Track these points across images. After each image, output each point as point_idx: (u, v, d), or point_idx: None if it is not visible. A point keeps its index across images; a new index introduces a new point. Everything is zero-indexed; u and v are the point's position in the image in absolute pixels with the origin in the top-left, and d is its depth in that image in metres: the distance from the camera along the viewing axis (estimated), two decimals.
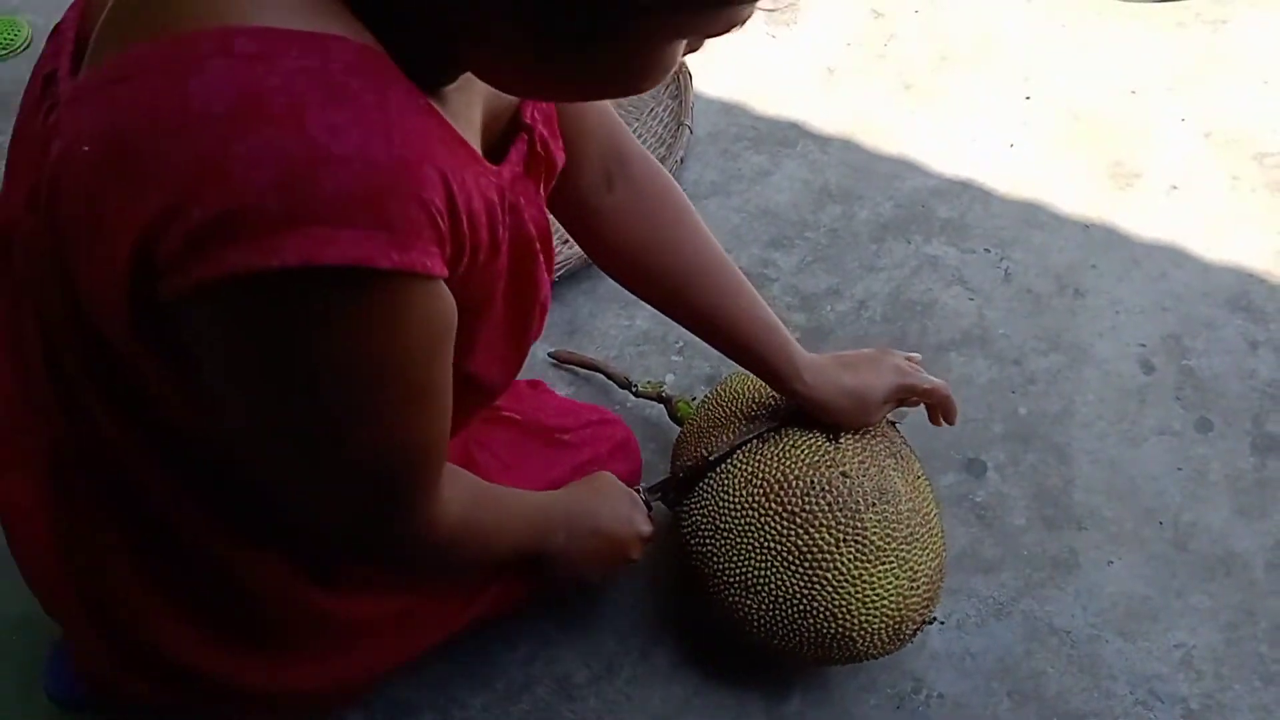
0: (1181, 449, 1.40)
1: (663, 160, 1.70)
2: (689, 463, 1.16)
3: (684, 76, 1.80)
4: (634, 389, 1.40)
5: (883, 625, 1.07)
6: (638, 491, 1.15)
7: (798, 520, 1.06)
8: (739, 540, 1.08)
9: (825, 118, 1.79)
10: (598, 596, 1.29)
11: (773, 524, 1.07)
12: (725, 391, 1.22)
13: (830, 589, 1.05)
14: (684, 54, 0.62)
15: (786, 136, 1.77)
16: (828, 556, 1.05)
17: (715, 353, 1.48)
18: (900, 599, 1.06)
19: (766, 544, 1.07)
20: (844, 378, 1.08)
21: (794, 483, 1.07)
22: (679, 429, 1.28)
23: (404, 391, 0.63)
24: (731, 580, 1.09)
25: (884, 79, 1.85)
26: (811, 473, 1.07)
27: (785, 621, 1.07)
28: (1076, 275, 1.57)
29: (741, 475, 1.11)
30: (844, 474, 1.07)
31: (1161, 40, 1.87)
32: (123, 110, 0.54)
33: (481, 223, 0.63)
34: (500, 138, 0.74)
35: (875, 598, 1.05)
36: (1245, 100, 1.77)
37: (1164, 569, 1.30)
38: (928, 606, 1.10)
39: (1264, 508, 1.34)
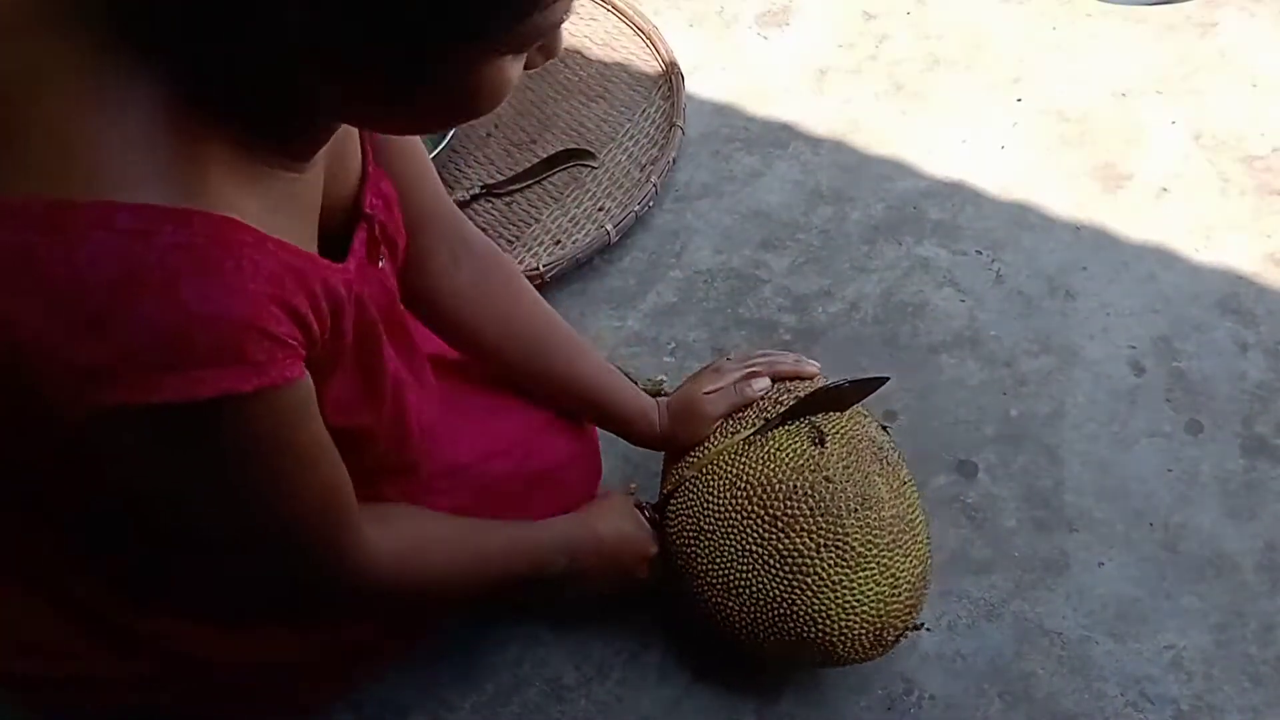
0: (1171, 451, 1.40)
1: (654, 161, 1.70)
2: (682, 477, 1.16)
3: (676, 77, 1.80)
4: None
5: (863, 631, 1.06)
6: (642, 509, 1.17)
7: (779, 524, 1.06)
8: (722, 542, 1.09)
9: (817, 119, 1.79)
10: (587, 598, 1.29)
11: (755, 527, 1.07)
12: None
13: (810, 593, 1.05)
14: (531, 61, 0.69)
15: (778, 138, 1.77)
16: (808, 561, 1.05)
17: (707, 353, 1.50)
18: (881, 605, 1.06)
19: (749, 547, 1.07)
20: (674, 405, 1.20)
21: (777, 486, 1.07)
22: None
23: (290, 459, 0.75)
24: (714, 582, 1.09)
25: (875, 81, 1.85)
26: (795, 477, 1.08)
27: (767, 625, 1.07)
28: (1067, 277, 1.58)
29: (726, 478, 1.11)
30: (827, 479, 1.07)
31: (1152, 43, 1.88)
32: (10, 257, 0.61)
33: (325, 315, 0.73)
34: (343, 224, 0.84)
35: (855, 603, 1.05)
36: (1235, 103, 1.78)
37: (1154, 570, 1.30)
38: (910, 614, 1.10)
39: (1253, 509, 1.35)
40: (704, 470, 1.14)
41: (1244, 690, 1.21)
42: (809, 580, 1.05)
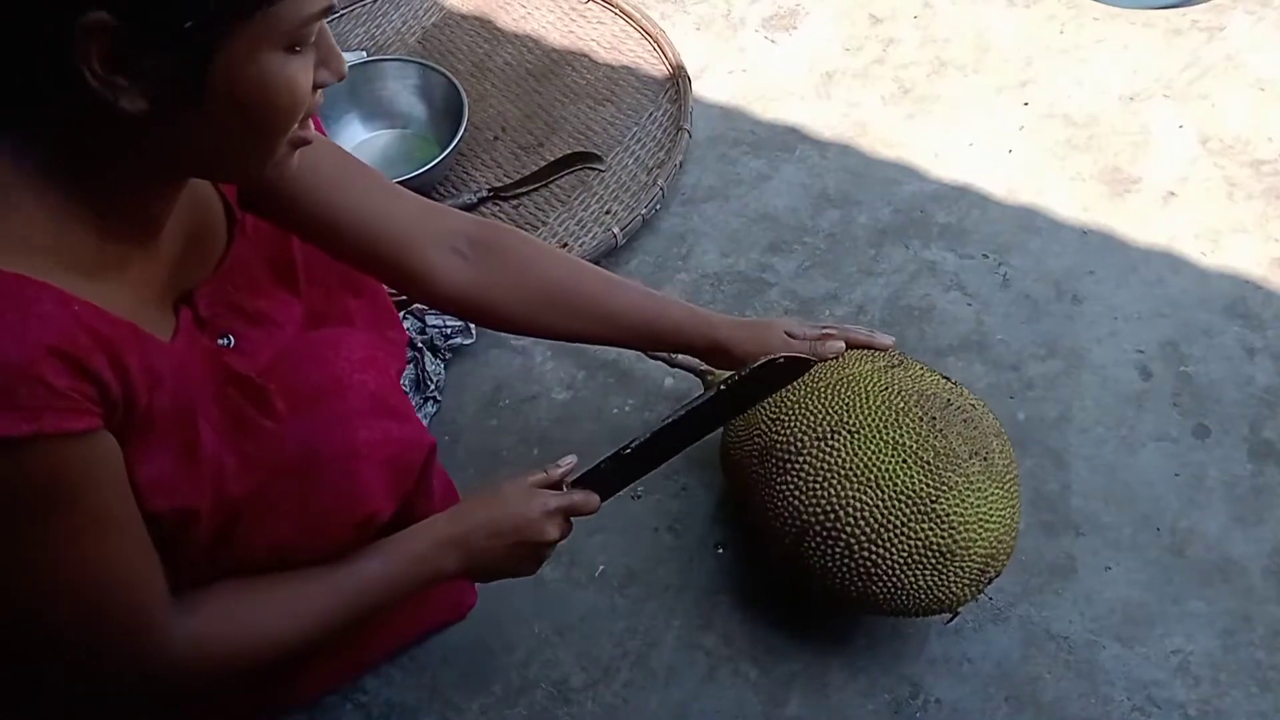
0: (1179, 455, 1.40)
1: (661, 165, 1.70)
2: (612, 454, 1.08)
3: (683, 81, 1.80)
4: (670, 358, 1.39)
5: (981, 550, 1.10)
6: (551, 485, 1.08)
7: (937, 424, 1.11)
8: (872, 437, 1.11)
9: (824, 123, 1.80)
10: (595, 600, 1.29)
11: (912, 425, 1.11)
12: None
13: (955, 495, 1.09)
14: (318, 79, 0.76)
15: (785, 141, 1.77)
16: (959, 463, 1.10)
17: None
18: (1002, 530, 1.11)
19: (903, 442, 1.10)
20: (748, 323, 1.21)
21: (932, 398, 1.14)
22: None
23: (74, 521, 0.74)
24: (855, 475, 1.10)
25: (882, 84, 1.85)
26: (947, 393, 1.15)
27: (898, 524, 1.08)
28: (1074, 281, 1.58)
29: (877, 385, 1.14)
30: (972, 404, 1.16)
31: (1159, 47, 1.88)
32: None
33: (135, 385, 0.75)
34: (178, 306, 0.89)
35: (989, 515, 1.10)
36: (1242, 107, 1.78)
37: (1161, 575, 1.30)
38: (1006, 559, 1.14)
39: (1260, 514, 1.35)
40: (841, 382, 1.16)
41: (1251, 695, 1.21)
42: (957, 481, 1.09)
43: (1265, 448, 1.40)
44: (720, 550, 1.33)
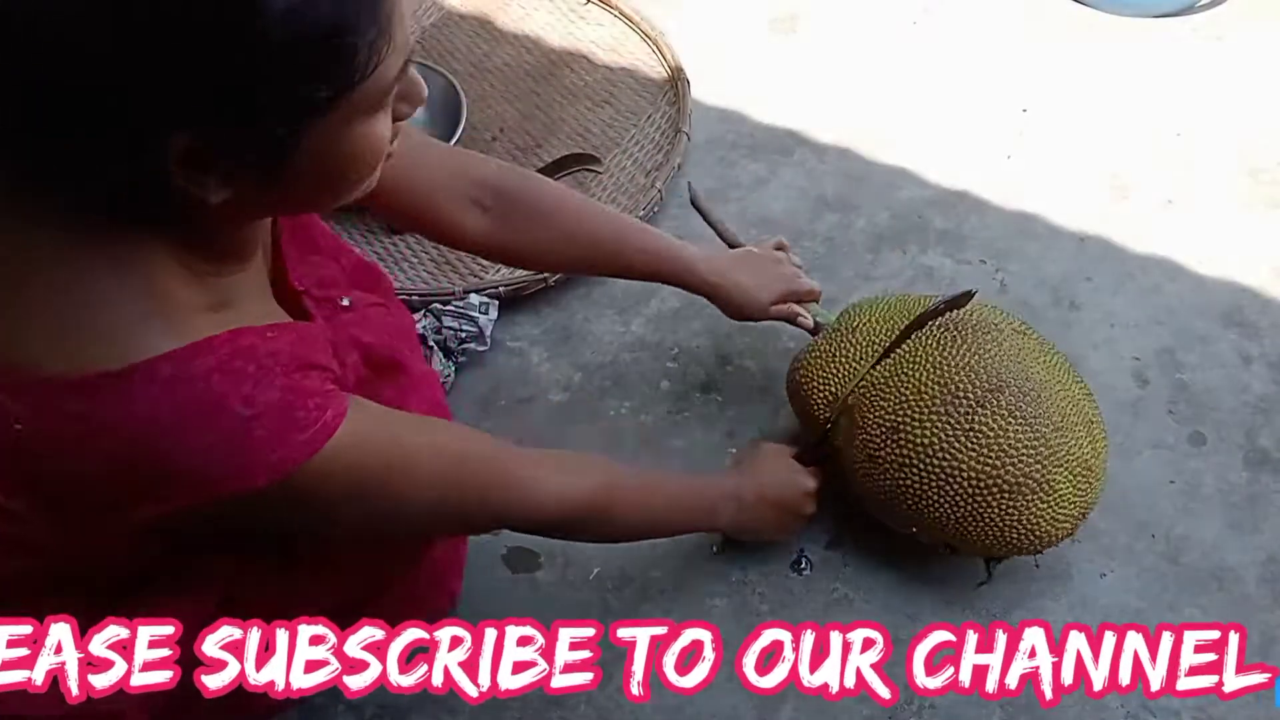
0: (1174, 462, 1.40)
1: (659, 167, 1.70)
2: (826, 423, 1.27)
3: (682, 83, 1.80)
4: (709, 222, 1.46)
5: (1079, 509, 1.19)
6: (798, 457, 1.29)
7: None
8: (1029, 361, 1.22)
9: (823, 127, 1.80)
10: (589, 602, 1.28)
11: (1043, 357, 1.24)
12: (845, 325, 1.31)
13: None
14: (399, 113, 0.76)
15: (784, 145, 1.77)
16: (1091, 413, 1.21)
17: (710, 359, 1.50)
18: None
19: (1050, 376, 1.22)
20: (739, 275, 1.30)
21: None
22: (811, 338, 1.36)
23: (403, 445, 0.87)
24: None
25: (882, 89, 1.85)
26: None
27: (1064, 436, 1.16)
28: (1071, 287, 1.58)
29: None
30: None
31: (1158, 54, 1.88)
32: (76, 425, 0.71)
33: (342, 360, 0.86)
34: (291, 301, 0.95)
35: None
36: (1240, 115, 1.78)
37: (1156, 582, 1.30)
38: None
39: (1256, 522, 1.35)
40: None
41: (1247, 703, 1.21)
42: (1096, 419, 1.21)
43: (1261, 455, 1.40)
44: (715, 552, 1.33)
